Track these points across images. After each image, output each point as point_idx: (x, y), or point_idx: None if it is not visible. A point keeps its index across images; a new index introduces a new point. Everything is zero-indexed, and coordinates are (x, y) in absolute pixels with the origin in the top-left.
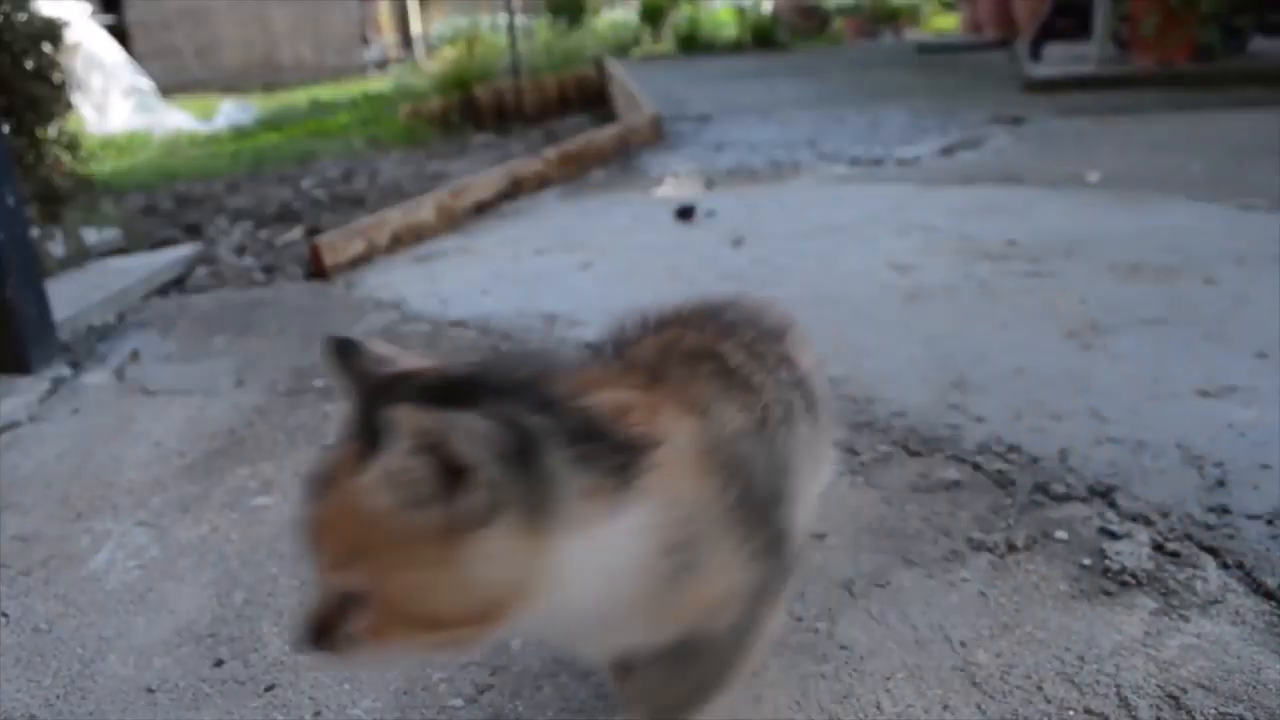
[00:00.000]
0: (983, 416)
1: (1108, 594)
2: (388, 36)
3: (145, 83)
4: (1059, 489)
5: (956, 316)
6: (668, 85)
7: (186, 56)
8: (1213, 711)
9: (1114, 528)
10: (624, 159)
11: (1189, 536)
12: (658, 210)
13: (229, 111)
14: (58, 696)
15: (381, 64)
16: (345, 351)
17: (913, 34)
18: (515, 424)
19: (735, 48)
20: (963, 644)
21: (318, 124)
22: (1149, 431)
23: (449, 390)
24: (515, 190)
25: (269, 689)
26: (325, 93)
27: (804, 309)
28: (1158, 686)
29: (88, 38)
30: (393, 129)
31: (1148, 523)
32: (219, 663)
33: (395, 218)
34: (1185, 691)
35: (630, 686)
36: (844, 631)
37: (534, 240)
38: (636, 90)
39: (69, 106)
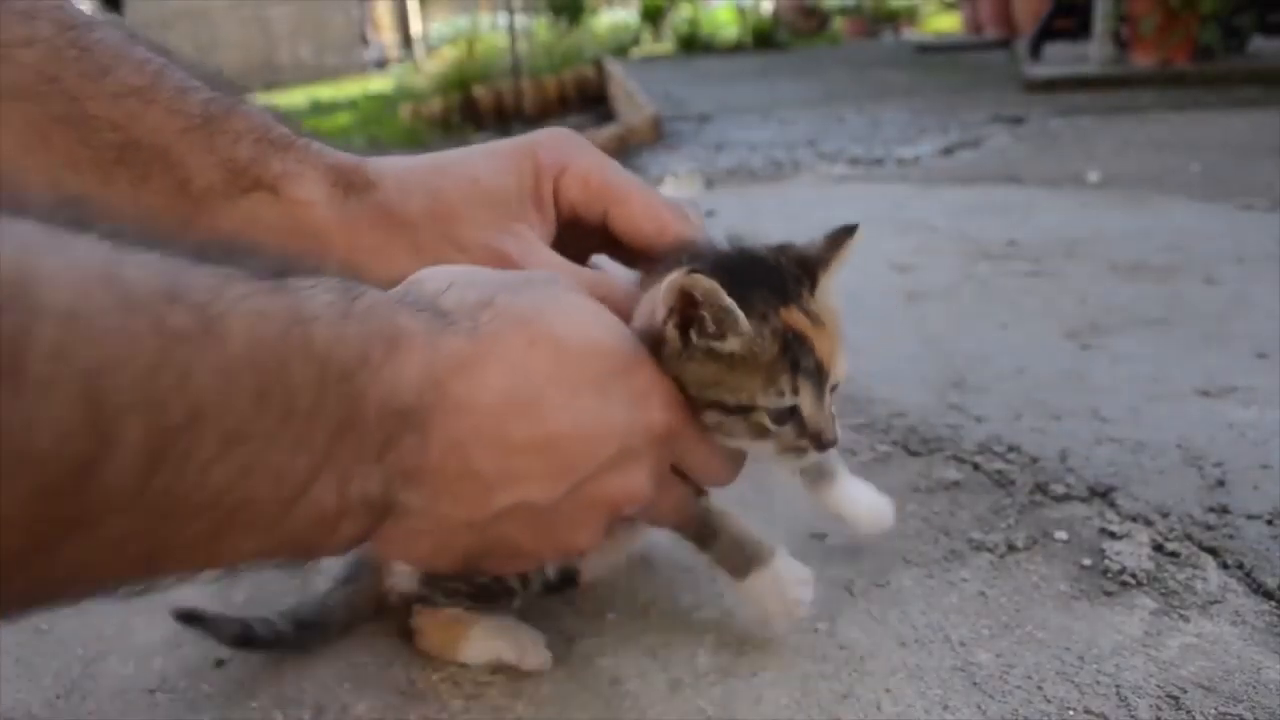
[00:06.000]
0: (983, 416)
1: (1108, 594)
2: (388, 36)
3: None
4: (1059, 489)
5: (956, 316)
6: (668, 85)
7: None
8: (1213, 711)
9: (1114, 528)
10: (624, 159)
11: (1189, 536)
12: None
13: None
14: (58, 696)
15: (381, 64)
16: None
17: (913, 34)
18: None
19: (735, 48)
20: (963, 644)
21: (317, 124)
22: (1149, 431)
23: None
24: None
25: (269, 689)
26: (325, 93)
27: None
28: (1158, 686)
29: None
30: (393, 129)
31: (1148, 523)
32: (219, 663)
33: None
34: (1185, 691)
35: None
36: (844, 631)
37: None
38: (636, 90)
39: None
